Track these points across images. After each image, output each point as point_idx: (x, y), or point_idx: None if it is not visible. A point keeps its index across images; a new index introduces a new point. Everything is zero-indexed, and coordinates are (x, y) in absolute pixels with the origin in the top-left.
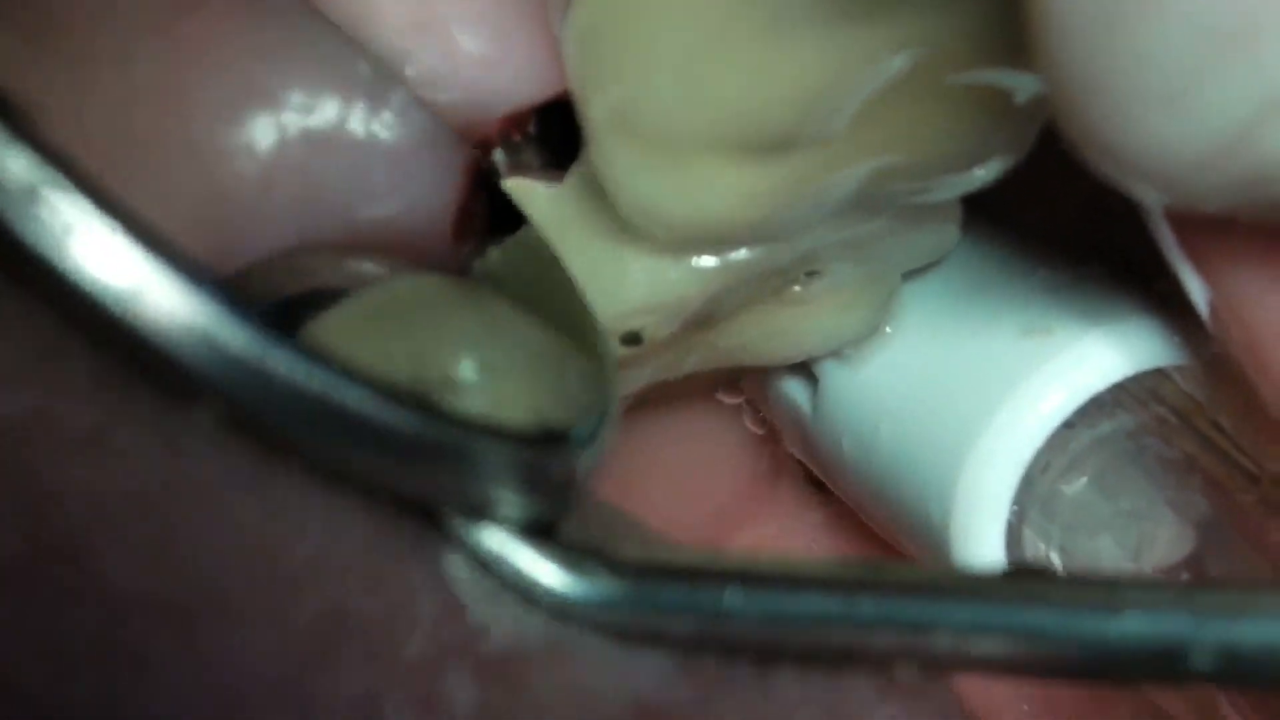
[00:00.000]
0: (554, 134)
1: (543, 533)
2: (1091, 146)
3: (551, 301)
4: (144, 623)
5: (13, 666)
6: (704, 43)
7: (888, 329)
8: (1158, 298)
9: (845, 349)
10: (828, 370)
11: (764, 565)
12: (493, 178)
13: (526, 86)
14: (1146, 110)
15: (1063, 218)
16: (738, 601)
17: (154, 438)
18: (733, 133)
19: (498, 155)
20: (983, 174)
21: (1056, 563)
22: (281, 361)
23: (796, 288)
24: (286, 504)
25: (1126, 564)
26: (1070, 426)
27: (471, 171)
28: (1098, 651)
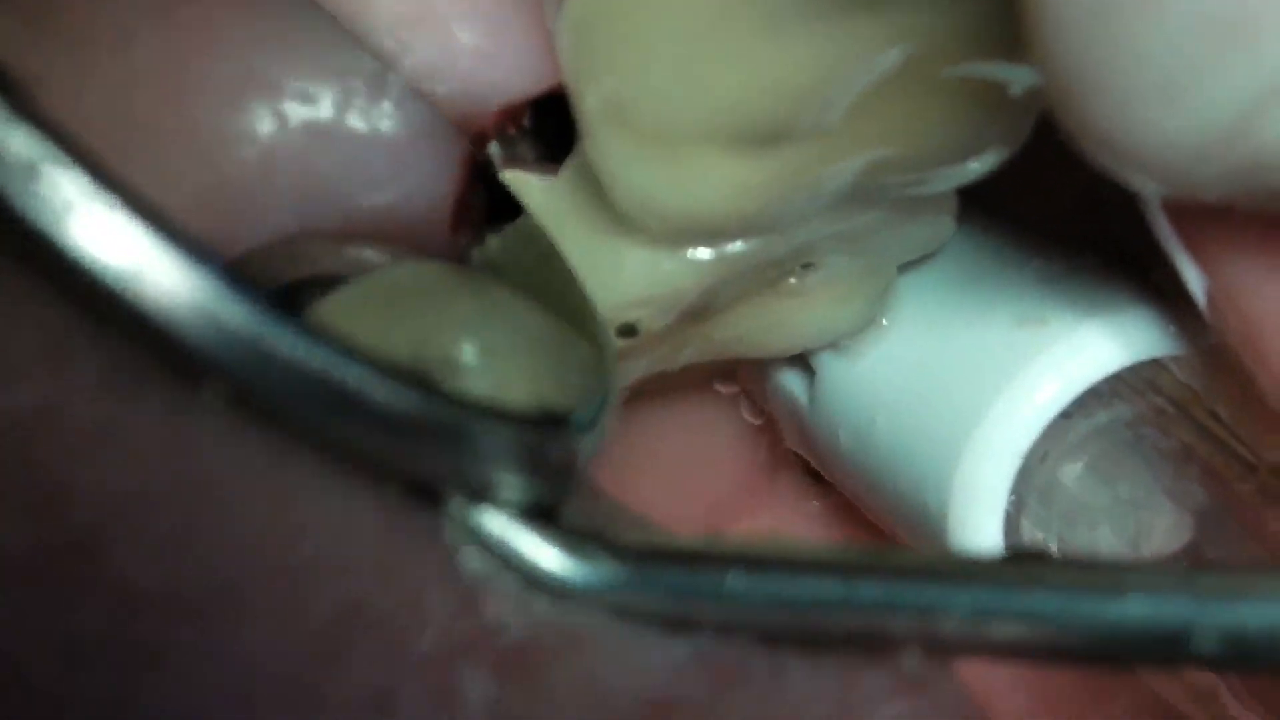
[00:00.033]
0: (549, 127)
1: (544, 516)
2: (1088, 138)
3: (550, 289)
4: (156, 618)
5: (25, 662)
6: (698, 35)
7: (884, 321)
8: (1154, 288)
9: (841, 341)
10: (824, 362)
11: (767, 549)
12: (490, 169)
13: (522, 79)
14: (1144, 101)
15: (1058, 209)
16: (740, 585)
17: (164, 431)
18: (727, 125)
19: (493, 148)
20: (978, 166)
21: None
22: (282, 340)
23: (792, 280)
24: (298, 496)
25: (1125, 554)
26: (1067, 417)
27: (469, 163)
28: (1100, 635)
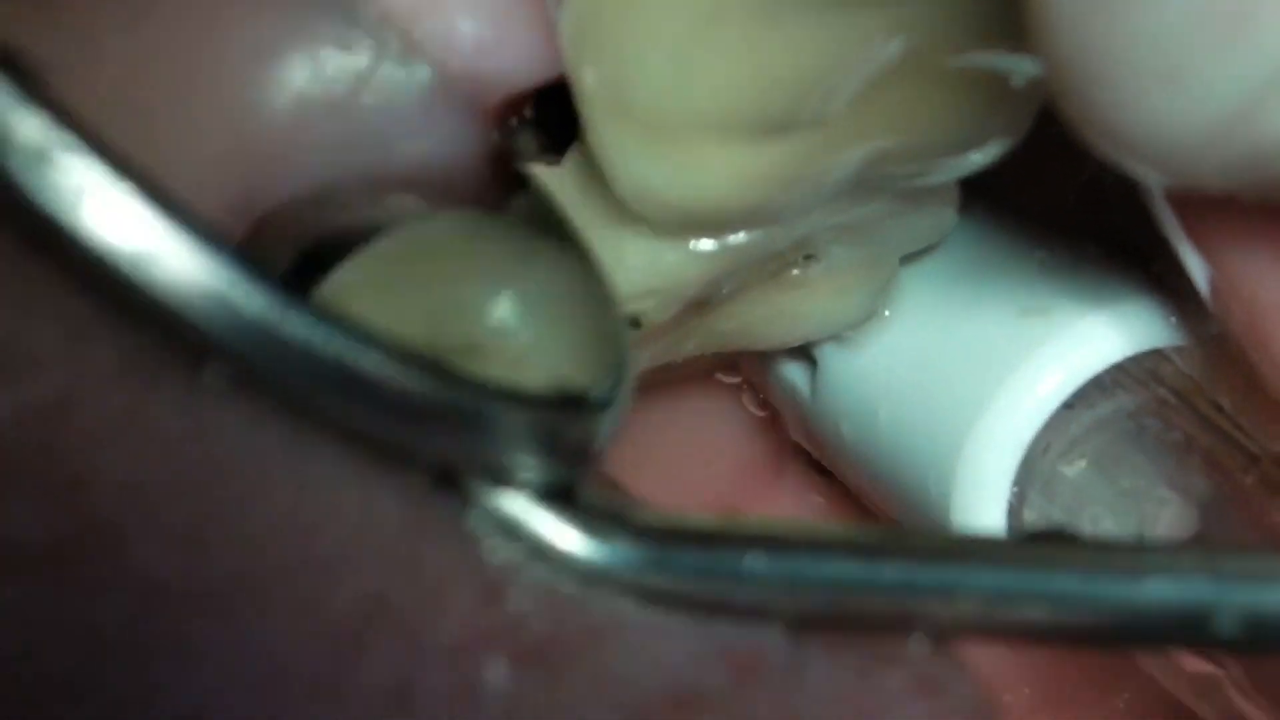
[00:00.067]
0: (552, 118)
1: (562, 497)
2: (1091, 127)
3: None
4: (177, 609)
5: (49, 654)
6: (699, 25)
7: (886, 312)
8: (1156, 279)
9: (844, 332)
10: (826, 354)
11: (786, 529)
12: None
13: (524, 70)
14: (1146, 91)
15: (1060, 200)
16: (759, 565)
17: (184, 421)
18: (729, 115)
19: (494, 139)
20: (980, 157)
21: None
22: (297, 325)
23: (795, 271)
24: (320, 487)
25: None
26: (1070, 408)
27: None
28: (1121, 617)
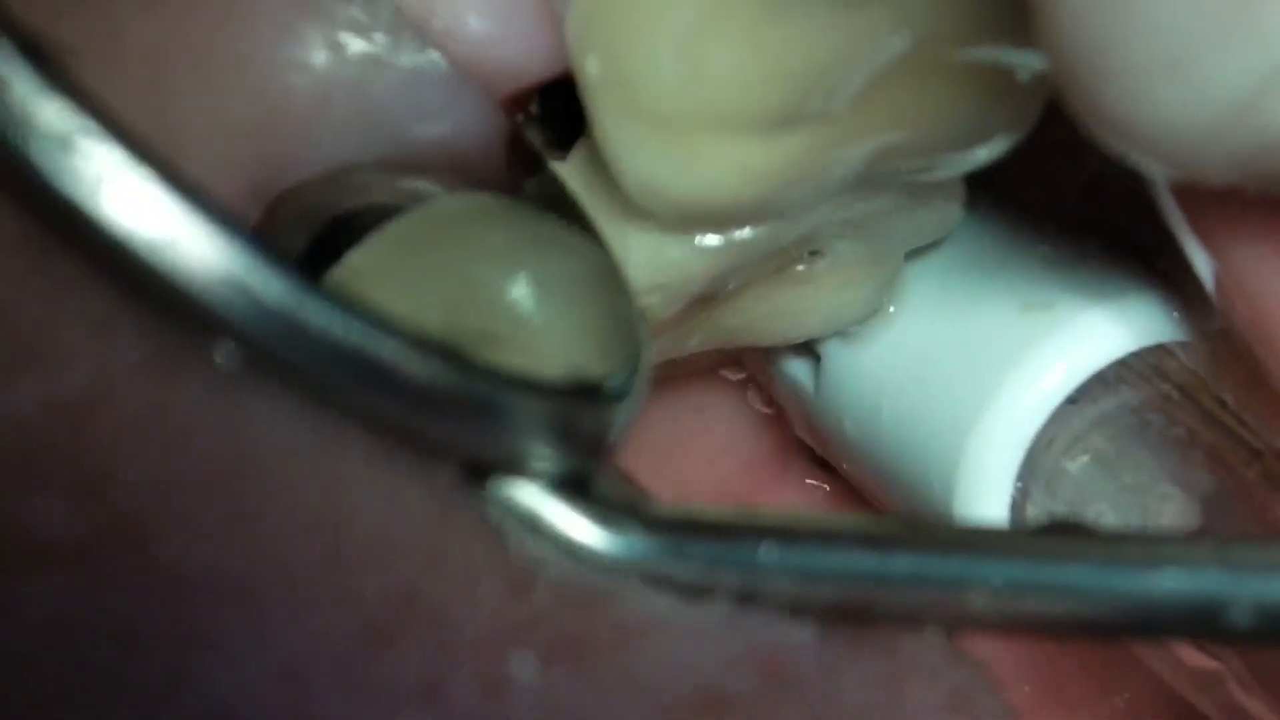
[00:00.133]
0: (557, 113)
1: (577, 487)
2: (1097, 120)
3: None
4: (205, 602)
5: (79, 648)
6: (705, 18)
7: (890, 308)
8: (1160, 274)
9: (848, 328)
10: (830, 349)
11: (800, 520)
12: None
13: (530, 65)
14: (1151, 83)
15: (1065, 195)
16: (773, 556)
17: (211, 413)
18: (734, 109)
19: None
20: (985, 152)
21: None
22: (315, 312)
23: (800, 267)
24: (348, 480)
25: None
26: (1073, 403)
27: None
28: (1134, 608)
